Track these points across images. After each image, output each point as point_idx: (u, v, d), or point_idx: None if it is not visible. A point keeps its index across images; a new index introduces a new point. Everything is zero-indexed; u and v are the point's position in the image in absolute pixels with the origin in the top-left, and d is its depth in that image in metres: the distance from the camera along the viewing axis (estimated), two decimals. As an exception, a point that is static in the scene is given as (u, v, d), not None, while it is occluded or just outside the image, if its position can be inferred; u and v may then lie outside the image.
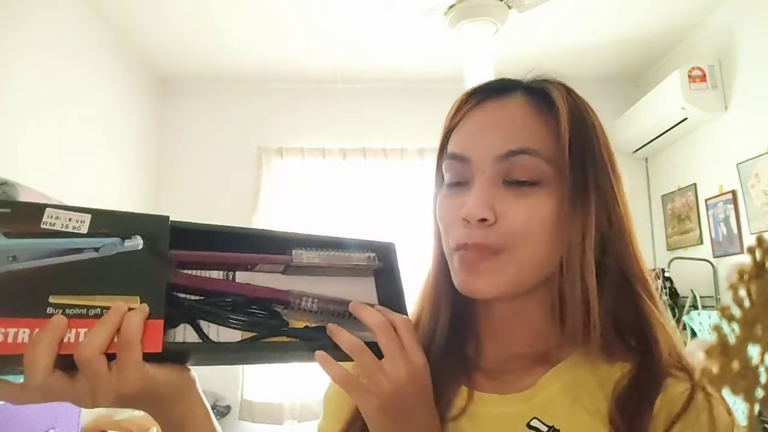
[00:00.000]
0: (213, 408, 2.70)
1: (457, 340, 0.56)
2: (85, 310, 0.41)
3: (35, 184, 1.81)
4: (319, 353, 0.46)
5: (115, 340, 0.40)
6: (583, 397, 0.49)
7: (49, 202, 0.44)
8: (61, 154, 2.25)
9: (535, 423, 0.49)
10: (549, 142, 0.50)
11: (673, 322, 0.52)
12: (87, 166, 2.45)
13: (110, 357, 0.41)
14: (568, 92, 0.53)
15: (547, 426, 0.48)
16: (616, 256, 0.51)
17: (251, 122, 3.21)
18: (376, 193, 3.09)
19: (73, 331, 0.40)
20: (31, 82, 2.06)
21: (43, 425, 1.48)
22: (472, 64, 2.31)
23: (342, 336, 0.46)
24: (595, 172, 0.51)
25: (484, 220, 0.49)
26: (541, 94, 0.53)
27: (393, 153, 3.13)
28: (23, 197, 1.62)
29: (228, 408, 2.84)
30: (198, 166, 3.17)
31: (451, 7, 2.03)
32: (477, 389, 0.53)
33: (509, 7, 2.05)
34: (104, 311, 0.41)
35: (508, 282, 0.50)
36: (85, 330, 0.40)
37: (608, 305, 0.49)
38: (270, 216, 3.06)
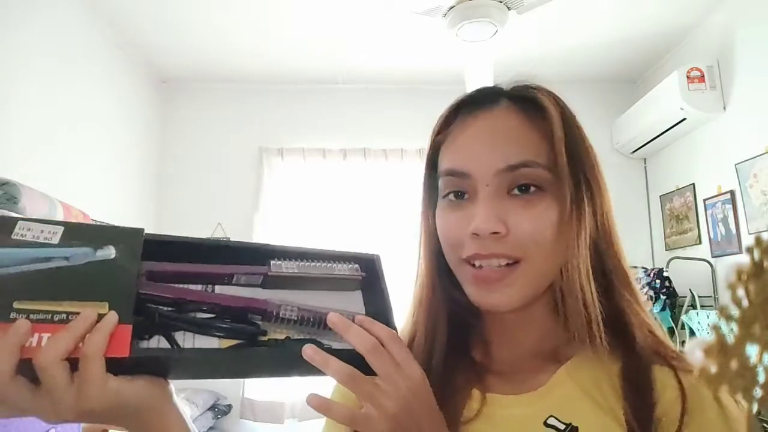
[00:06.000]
0: (214, 407, 2.71)
1: (461, 345, 0.56)
2: (50, 315, 0.40)
3: (37, 184, 1.80)
4: (312, 399, 0.45)
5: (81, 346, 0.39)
6: (595, 393, 0.49)
7: (28, 217, 0.43)
8: (63, 154, 2.25)
9: (552, 421, 0.49)
10: (544, 149, 0.50)
11: (652, 315, 0.54)
12: (88, 166, 2.45)
13: (76, 366, 0.39)
14: (556, 99, 0.54)
15: (564, 424, 0.48)
16: (601, 254, 0.52)
17: (252, 122, 3.22)
18: (377, 193, 3.10)
19: (36, 335, 0.39)
20: (33, 83, 2.06)
21: (43, 426, 1.48)
22: (471, 65, 2.32)
23: (330, 367, 0.44)
24: (586, 175, 0.52)
25: (495, 233, 0.49)
26: (531, 103, 0.53)
27: (393, 153, 3.13)
28: (25, 197, 1.61)
29: (229, 407, 2.84)
30: (199, 166, 3.17)
31: (451, 8, 2.04)
32: (490, 391, 0.53)
33: (508, 8, 2.05)
34: (70, 316, 0.40)
35: (523, 293, 0.50)
36: (48, 335, 0.39)
37: (601, 301, 0.50)
38: (271, 216, 3.06)
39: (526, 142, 0.51)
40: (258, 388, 2.87)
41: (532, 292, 0.51)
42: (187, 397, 2.51)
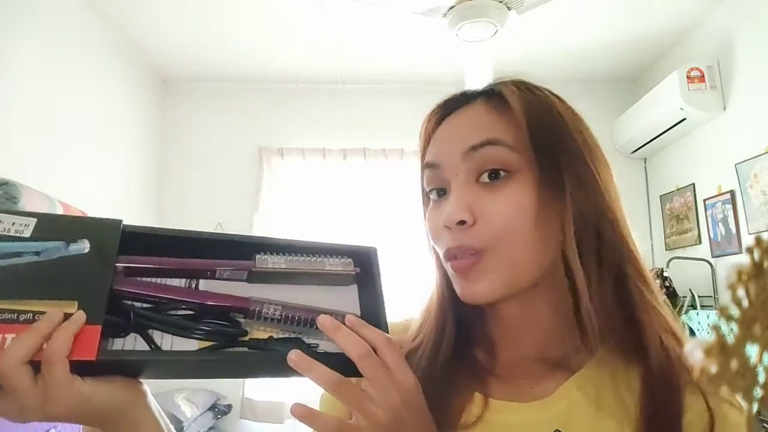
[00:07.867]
0: (214, 407, 2.71)
1: (466, 345, 0.54)
2: (16, 314, 0.38)
3: (37, 184, 1.80)
4: (296, 409, 0.43)
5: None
6: (606, 405, 0.46)
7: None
8: (63, 153, 2.25)
9: None
10: (511, 132, 0.49)
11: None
12: (88, 166, 2.45)
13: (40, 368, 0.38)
14: (526, 87, 0.53)
15: None
16: (609, 246, 0.49)
17: (252, 122, 3.21)
18: (376, 193, 3.09)
19: (0, 336, 0.37)
20: (33, 83, 2.06)
21: (43, 425, 1.48)
22: (471, 65, 2.32)
23: (315, 373, 0.42)
24: (567, 156, 0.49)
25: (462, 222, 0.48)
26: (497, 96, 0.53)
27: (393, 153, 3.13)
28: (25, 197, 1.62)
29: (229, 407, 2.84)
30: (199, 166, 3.17)
31: (451, 8, 2.03)
32: (491, 396, 0.50)
33: (508, 9, 2.05)
34: (36, 316, 0.38)
35: (503, 281, 0.48)
36: (13, 336, 0.37)
37: (612, 299, 0.47)
38: (271, 216, 3.06)
39: (490, 125, 0.51)
40: (258, 388, 2.88)
41: (508, 281, 0.48)
42: (187, 397, 2.51)
